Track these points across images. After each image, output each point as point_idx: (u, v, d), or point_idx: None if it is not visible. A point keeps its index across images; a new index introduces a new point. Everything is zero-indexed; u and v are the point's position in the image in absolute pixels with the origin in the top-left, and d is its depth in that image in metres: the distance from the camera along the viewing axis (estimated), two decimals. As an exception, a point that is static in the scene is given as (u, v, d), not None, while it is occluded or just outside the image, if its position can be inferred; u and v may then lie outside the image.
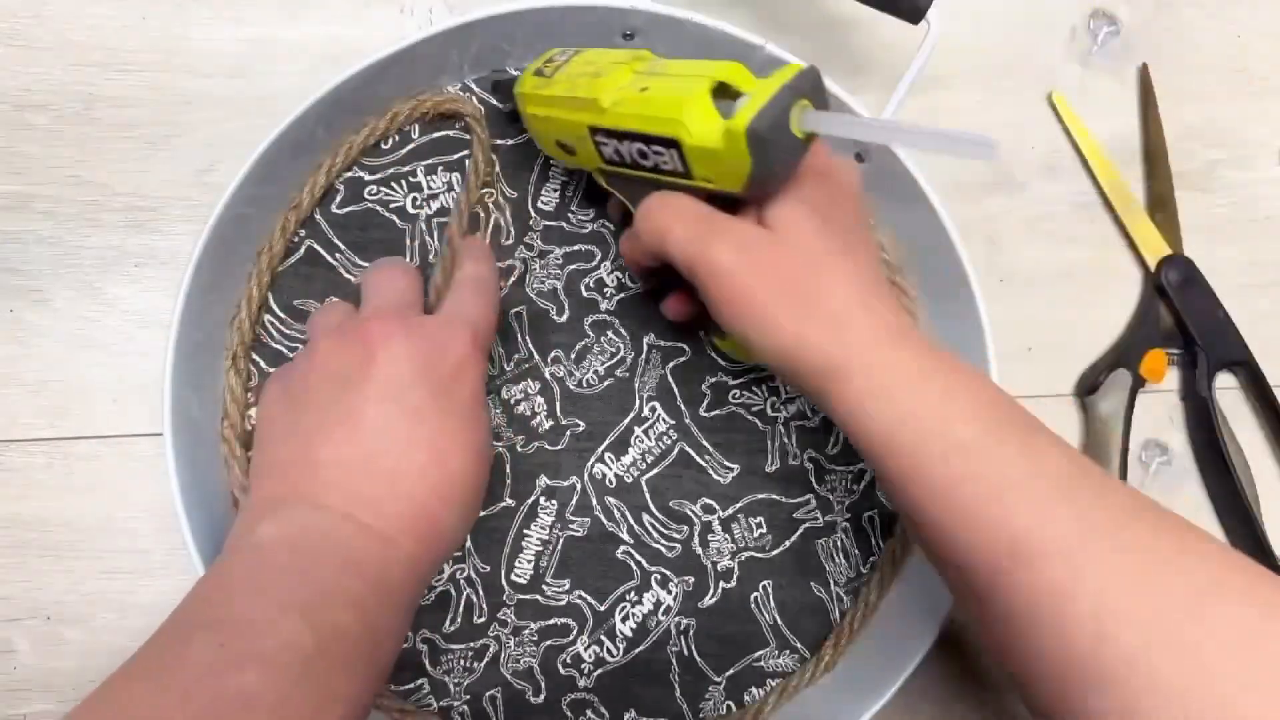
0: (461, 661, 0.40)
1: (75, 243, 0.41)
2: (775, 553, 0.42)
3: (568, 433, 0.41)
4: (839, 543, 0.42)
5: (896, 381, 0.30)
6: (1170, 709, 0.24)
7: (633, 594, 0.41)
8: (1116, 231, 0.47)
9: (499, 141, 0.41)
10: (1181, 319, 0.45)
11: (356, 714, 0.28)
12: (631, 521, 0.41)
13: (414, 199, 0.41)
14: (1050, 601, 0.27)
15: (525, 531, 0.41)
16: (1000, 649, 0.30)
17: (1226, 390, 0.47)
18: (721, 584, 0.41)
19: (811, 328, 0.31)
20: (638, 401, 0.41)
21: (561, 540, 0.41)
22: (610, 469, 0.41)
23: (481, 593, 0.40)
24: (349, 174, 0.40)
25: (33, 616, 0.40)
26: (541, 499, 0.41)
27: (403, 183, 0.41)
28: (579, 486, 0.41)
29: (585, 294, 0.41)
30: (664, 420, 0.41)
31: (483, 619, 0.40)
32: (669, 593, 0.41)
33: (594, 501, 0.41)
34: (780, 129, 0.28)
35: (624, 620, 0.41)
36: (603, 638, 0.41)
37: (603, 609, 0.41)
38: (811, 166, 0.32)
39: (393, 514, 0.30)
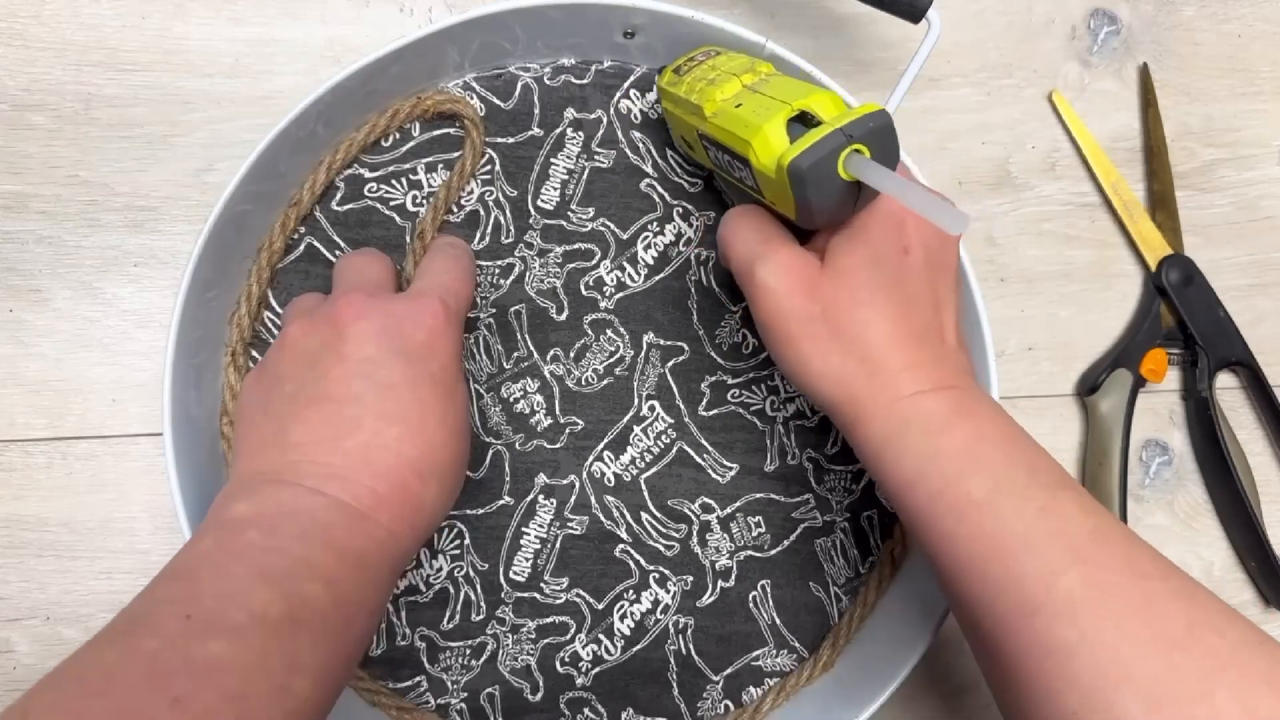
0: (459, 659, 0.40)
1: (74, 243, 0.41)
2: (774, 552, 0.42)
3: (566, 431, 0.41)
4: (837, 542, 0.42)
5: (916, 432, 0.29)
6: None
7: (631, 593, 0.41)
8: (1116, 231, 0.47)
9: (500, 140, 0.41)
10: (1182, 319, 0.45)
11: (327, 685, 0.28)
12: (630, 520, 0.41)
13: (414, 196, 0.41)
14: (1054, 660, 0.26)
15: (524, 530, 0.40)
16: (1004, 697, 0.29)
17: (1226, 390, 0.47)
18: (720, 583, 0.41)
19: (836, 363, 0.30)
20: (637, 400, 0.41)
21: (560, 538, 0.41)
22: (609, 467, 0.41)
23: (480, 590, 0.40)
24: (349, 171, 0.40)
25: (31, 616, 0.40)
26: (540, 497, 0.41)
27: (403, 180, 0.41)
28: (577, 485, 0.41)
29: (585, 293, 0.41)
30: (663, 419, 0.41)
31: (481, 617, 0.40)
32: (667, 591, 0.41)
33: (592, 500, 0.41)
34: (822, 169, 0.28)
35: (622, 619, 0.41)
36: (601, 636, 0.41)
37: (601, 607, 0.41)
38: (889, 211, 0.31)
39: (367, 490, 0.30)
